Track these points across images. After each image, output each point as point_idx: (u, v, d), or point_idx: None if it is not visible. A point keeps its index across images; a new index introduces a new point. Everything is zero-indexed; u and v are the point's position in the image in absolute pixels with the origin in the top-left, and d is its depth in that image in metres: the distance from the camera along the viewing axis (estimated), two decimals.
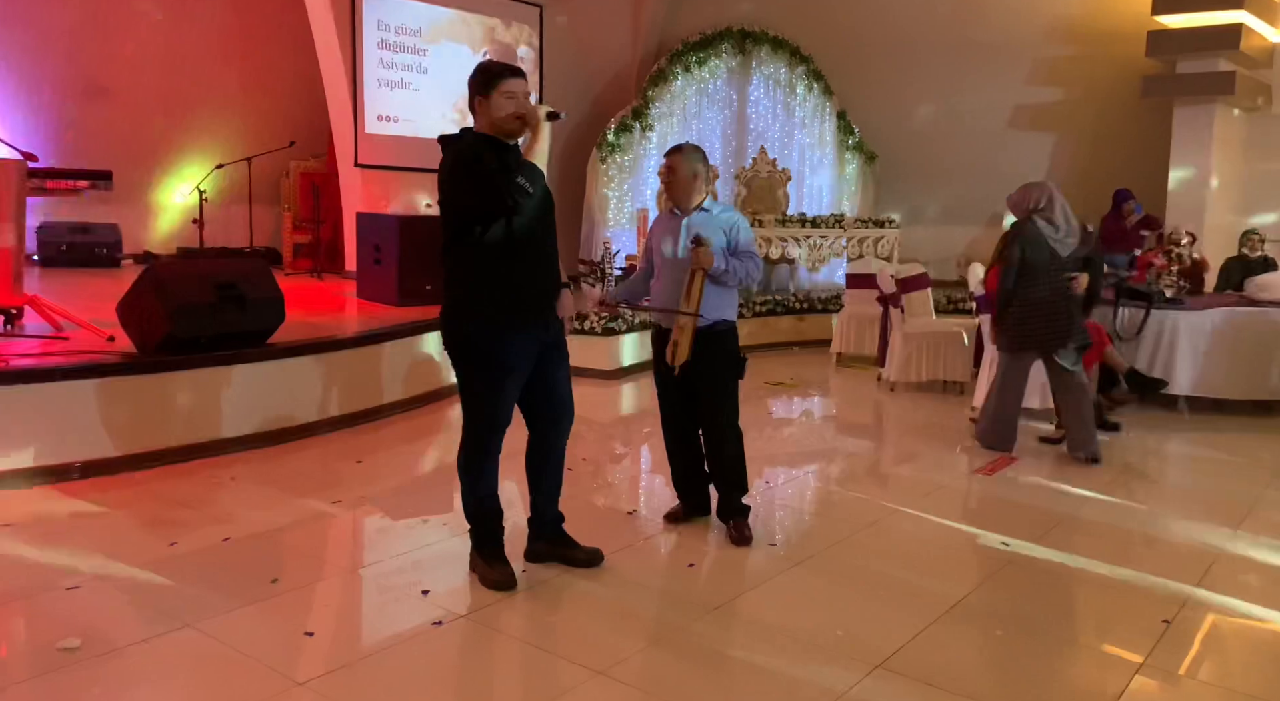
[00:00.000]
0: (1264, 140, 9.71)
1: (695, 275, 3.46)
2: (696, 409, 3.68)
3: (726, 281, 3.52)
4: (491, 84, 2.97)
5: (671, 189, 3.62)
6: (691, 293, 3.46)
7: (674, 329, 3.54)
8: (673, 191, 3.62)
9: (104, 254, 8.81)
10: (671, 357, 3.53)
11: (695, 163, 3.58)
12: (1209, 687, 2.63)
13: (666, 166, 3.61)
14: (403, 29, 8.95)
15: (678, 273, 3.54)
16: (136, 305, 4.55)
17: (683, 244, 3.55)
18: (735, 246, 3.57)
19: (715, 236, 3.52)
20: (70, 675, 2.48)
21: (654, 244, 3.71)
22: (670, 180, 3.60)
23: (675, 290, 3.54)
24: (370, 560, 3.40)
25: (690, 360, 3.50)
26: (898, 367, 6.63)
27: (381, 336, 5.55)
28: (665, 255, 3.63)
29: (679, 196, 3.61)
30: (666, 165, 3.62)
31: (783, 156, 11.06)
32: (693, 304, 3.45)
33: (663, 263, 3.65)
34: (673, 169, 3.59)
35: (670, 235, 3.62)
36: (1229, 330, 6.00)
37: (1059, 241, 4.76)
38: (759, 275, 3.67)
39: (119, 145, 9.04)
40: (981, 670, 2.63)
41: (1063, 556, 3.54)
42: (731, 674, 2.64)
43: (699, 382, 3.59)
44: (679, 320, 3.50)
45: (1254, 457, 5.20)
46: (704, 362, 3.53)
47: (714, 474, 3.73)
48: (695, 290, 3.45)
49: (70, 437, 4.13)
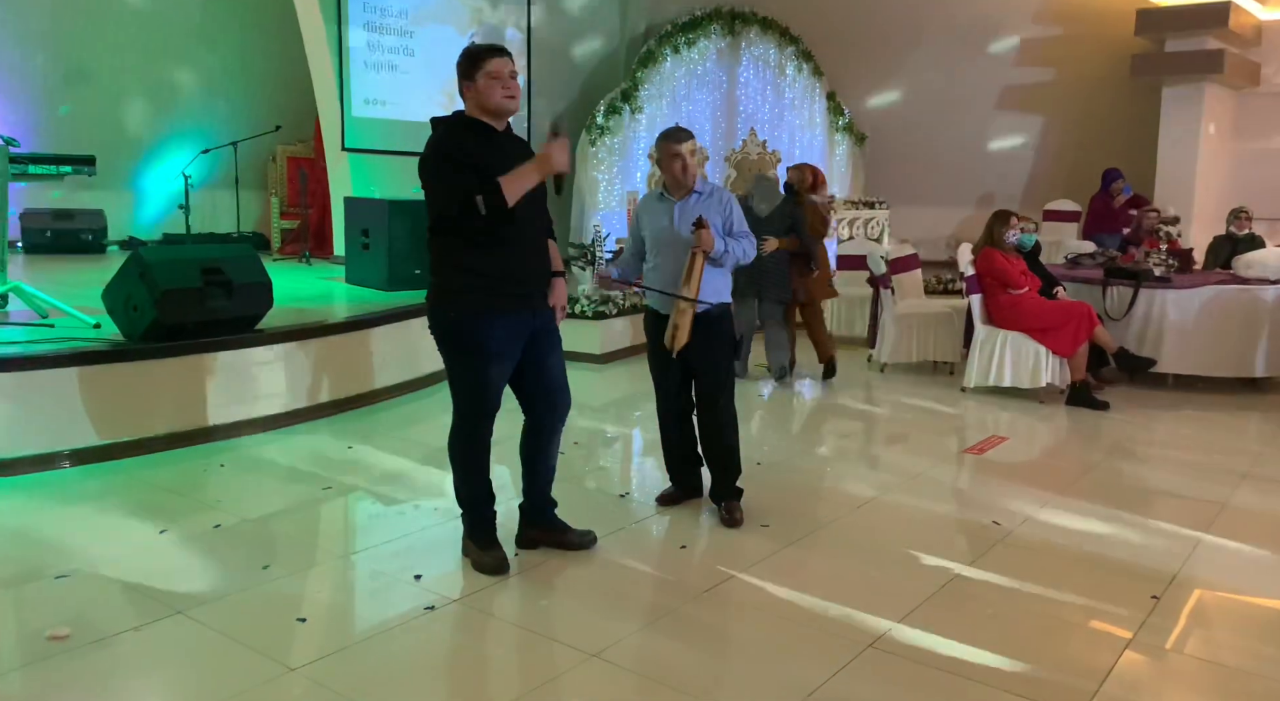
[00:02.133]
0: (1253, 118, 9.72)
1: (696, 258, 3.45)
2: (692, 391, 3.68)
3: (725, 262, 3.54)
4: (476, 67, 2.93)
5: (689, 172, 3.56)
6: (692, 276, 3.46)
7: (674, 312, 3.53)
8: (689, 176, 3.57)
9: (89, 240, 8.72)
10: (671, 341, 3.52)
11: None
12: (1197, 662, 2.65)
13: (685, 152, 3.54)
14: (389, 11, 8.85)
15: (674, 256, 3.53)
16: (122, 291, 4.51)
17: (678, 226, 3.54)
18: (730, 227, 3.59)
19: (713, 218, 3.52)
20: (60, 664, 2.47)
21: (644, 227, 3.68)
22: (687, 165, 3.56)
23: (672, 274, 3.53)
24: (362, 545, 3.40)
25: (689, 343, 3.50)
26: (889, 348, 6.64)
27: (371, 321, 5.52)
28: (660, 239, 3.60)
29: (689, 181, 3.57)
30: (685, 150, 3.54)
31: (773, 138, 11.03)
32: (693, 287, 3.46)
33: (657, 246, 3.62)
34: (692, 152, 3.57)
35: (665, 219, 3.60)
36: (1217, 308, 6.02)
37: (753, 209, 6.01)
38: (754, 253, 3.68)
39: (103, 130, 8.94)
40: (973, 647, 2.65)
41: (1052, 533, 3.56)
42: (725, 655, 2.65)
43: (697, 365, 3.60)
44: (679, 304, 3.49)
45: (1241, 434, 5.24)
46: (702, 346, 3.54)
47: (708, 456, 3.73)
48: (696, 273, 3.46)
49: (57, 425, 4.10)
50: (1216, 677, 2.56)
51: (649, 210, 3.69)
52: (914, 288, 7.12)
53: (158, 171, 9.65)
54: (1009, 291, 5.89)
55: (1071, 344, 5.70)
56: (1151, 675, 2.59)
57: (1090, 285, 6.38)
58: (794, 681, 2.45)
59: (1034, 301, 5.89)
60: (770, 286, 6.12)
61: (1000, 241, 5.92)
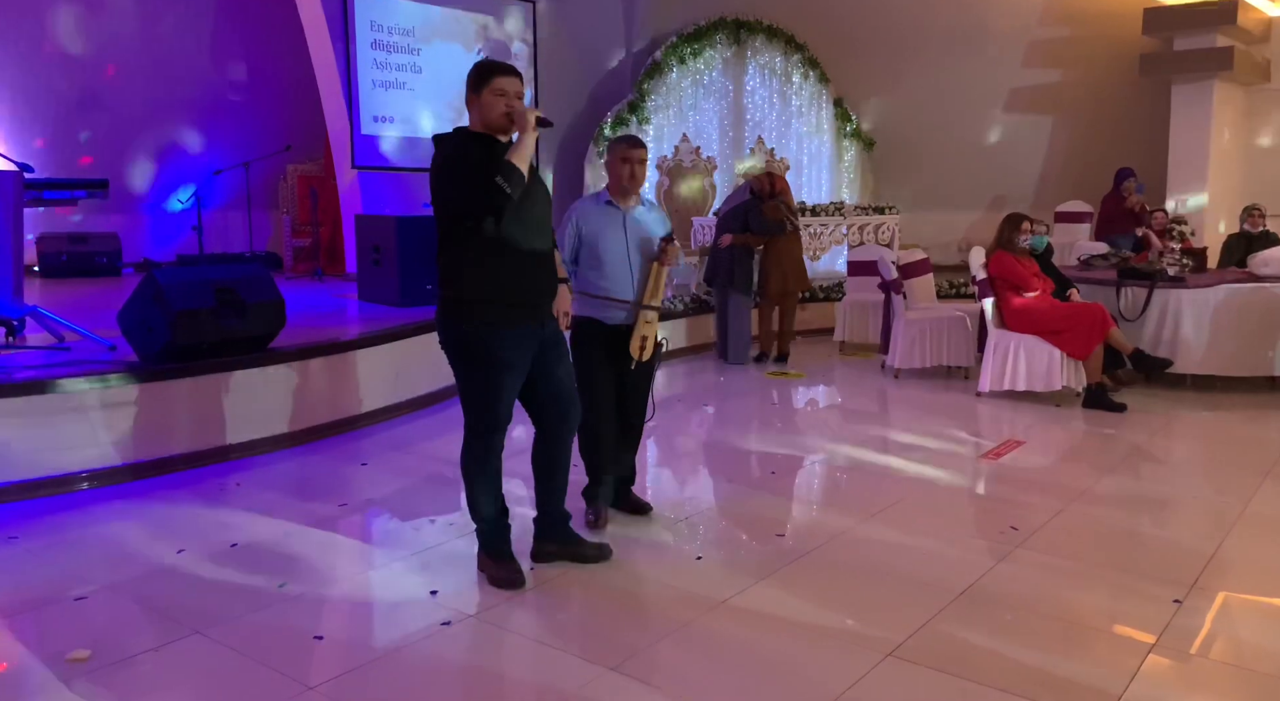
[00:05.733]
0: (1264, 115, 9.65)
1: (662, 271, 3.58)
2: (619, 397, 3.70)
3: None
4: (483, 82, 2.97)
5: (635, 180, 3.59)
6: (658, 288, 3.58)
7: (638, 324, 3.56)
8: (635, 184, 3.60)
9: (104, 263, 8.80)
10: (639, 352, 3.57)
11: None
12: (1222, 666, 2.62)
13: (637, 159, 3.58)
14: (395, 29, 8.92)
15: (629, 267, 3.57)
16: (137, 313, 4.54)
17: (630, 237, 3.57)
18: (669, 236, 3.68)
19: (661, 229, 3.65)
20: (81, 686, 2.48)
21: (592, 236, 3.59)
22: (635, 173, 3.58)
23: (626, 285, 3.56)
24: (378, 562, 3.40)
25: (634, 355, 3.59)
26: (901, 354, 6.61)
27: (383, 338, 5.54)
28: (613, 250, 3.57)
29: (635, 188, 3.62)
30: (638, 157, 3.58)
31: (781, 145, 11.03)
32: (658, 299, 3.59)
33: (607, 257, 3.57)
34: (642, 162, 3.60)
35: (618, 229, 3.58)
36: (1232, 307, 5.97)
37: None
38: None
39: (115, 154, 9.04)
40: (993, 655, 2.62)
41: (1072, 537, 3.53)
42: (743, 666, 2.64)
43: (636, 373, 3.65)
44: (644, 315, 3.56)
45: (1262, 434, 5.18)
46: (645, 359, 3.64)
47: (624, 462, 3.80)
48: (662, 285, 3.59)
49: (75, 447, 4.13)
50: (1242, 681, 2.52)
51: (594, 219, 3.61)
52: (926, 292, 7.09)
53: (171, 193, 9.75)
54: (1022, 294, 5.85)
55: (1086, 346, 5.66)
56: (1176, 679, 2.56)
57: (1104, 286, 6.33)
58: (814, 692, 2.43)
59: (1047, 304, 5.86)
60: (738, 278, 6.98)
61: (1012, 244, 5.89)
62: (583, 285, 3.62)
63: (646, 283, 3.58)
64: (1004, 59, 10.44)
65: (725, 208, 7.58)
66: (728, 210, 7.34)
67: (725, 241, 6.99)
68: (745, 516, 3.84)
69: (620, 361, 3.61)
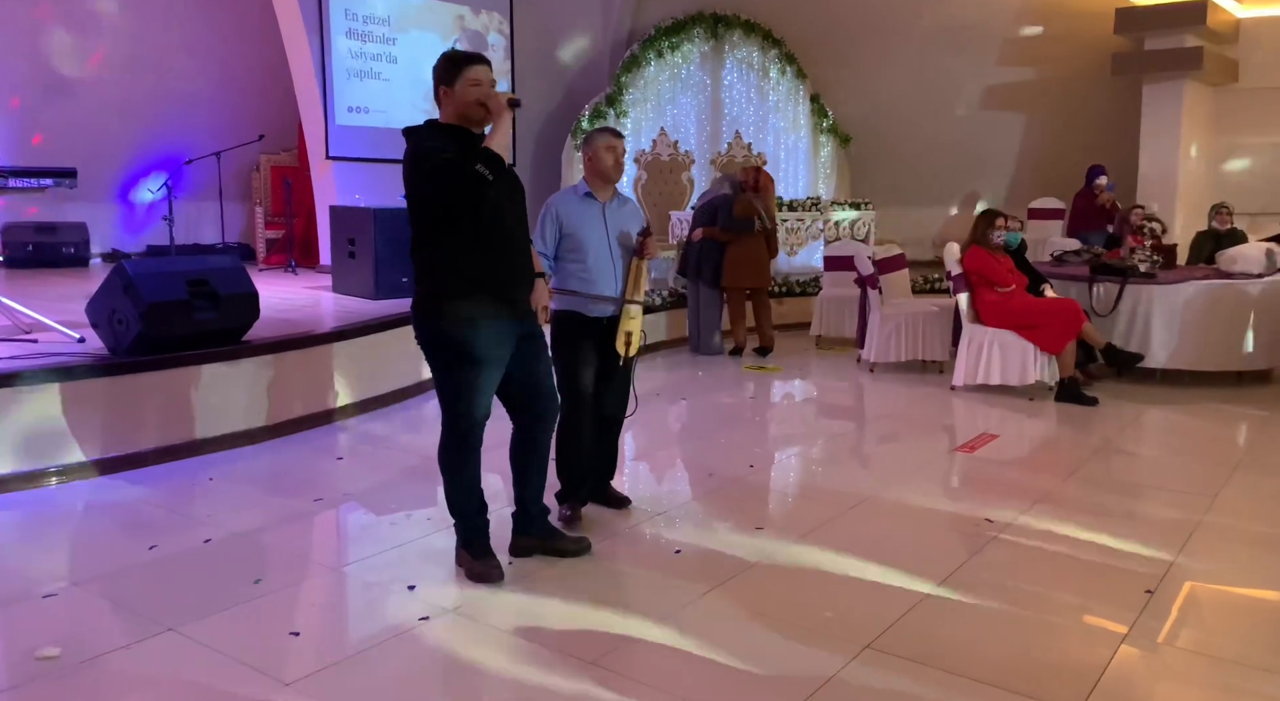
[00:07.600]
0: (1232, 114, 9.81)
1: (643, 265, 3.58)
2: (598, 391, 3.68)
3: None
4: (457, 72, 2.92)
5: (618, 167, 3.59)
6: (641, 282, 3.56)
7: (623, 318, 3.55)
8: (618, 171, 3.60)
9: (72, 253, 8.66)
10: (625, 346, 3.56)
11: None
12: (1191, 655, 2.66)
13: (622, 150, 3.60)
14: (370, 18, 8.83)
15: (611, 260, 3.55)
16: (107, 305, 4.47)
17: (610, 230, 3.55)
18: (646, 230, 3.67)
19: (634, 225, 3.63)
20: (50, 684, 2.44)
21: (573, 229, 3.54)
22: (618, 161, 3.57)
23: (607, 278, 3.54)
24: (354, 557, 3.37)
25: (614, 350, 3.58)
26: (877, 348, 6.66)
27: (358, 331, 5.49)
28: (595, 242, 3.54)
29: (617, 176, 3.62)
30: (622, 148, 3.61)
31: (757, 141, 11.05)
32: (640, 293, 3.57)
33: (587, 249, 3.53)
34: (623, 153, 3.61)
35: (598, 222, 3.56)
36: (1202, 303, 6.07)
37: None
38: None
39: (84, 143, 8.87)
40: (969, 647, 2.65)
41: (1045, 531, 3.57)
42: (723, 660, 2.64)
43: (619, 371, 3.64)
44: (629, 309, 3.55)
45: (1229, 427, 5.28)
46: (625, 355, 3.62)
47: (606, 453, 3.79)
48: (644, 279, 3.58)
49: (42, 443, 4.06)
50: (1212, 670, 2.57)
51: (574, 212, 3.56)
52: (901, 287, 7.14)
53: (140, 183, 9.59)
54: (996, 289, 5.91)
55: (1059, 341, 5.73)
56: (1147, 669, 2.60)
57: (1077, 282, 6.41)
58: (792, 684, 2.44)
59: (1021, 299, 5.92)
60: (704, 271, 7.22)
61: (987, 240, 5.95)
62: (564, 278, 3.58)
63: (628, 278, 3.57)
64: (979, 57, 10.52)
65: (702, 201, 7.66)
66: (703, 204, 7.51)
67: (697, 235, 7.26)
68: (724, 510, 3.85)
69: (603, 355, 3.59)
